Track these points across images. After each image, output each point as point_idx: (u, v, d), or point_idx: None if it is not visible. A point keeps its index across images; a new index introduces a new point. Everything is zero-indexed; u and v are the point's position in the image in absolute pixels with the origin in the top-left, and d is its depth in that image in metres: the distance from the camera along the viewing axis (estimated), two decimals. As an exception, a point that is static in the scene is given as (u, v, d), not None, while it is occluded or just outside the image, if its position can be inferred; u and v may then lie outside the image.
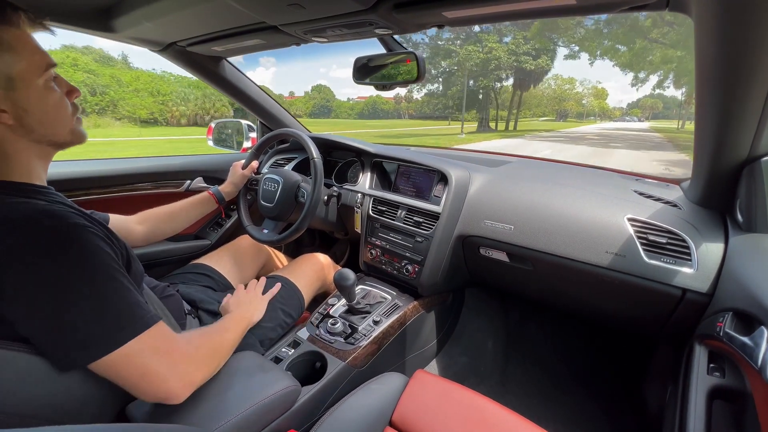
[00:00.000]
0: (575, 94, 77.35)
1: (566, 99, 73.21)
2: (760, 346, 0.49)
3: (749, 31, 0.48)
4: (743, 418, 0.55)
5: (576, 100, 77.06)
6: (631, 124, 61.98)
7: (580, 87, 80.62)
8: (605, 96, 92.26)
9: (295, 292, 1.10)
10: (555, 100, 71.38)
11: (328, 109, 66.02)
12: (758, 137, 0.62)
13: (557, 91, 71.17)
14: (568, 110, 74.96)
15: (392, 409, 0.73)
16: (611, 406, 1.20)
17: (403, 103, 69.99)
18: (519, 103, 36.07)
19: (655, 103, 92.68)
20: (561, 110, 73.35)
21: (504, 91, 34.66)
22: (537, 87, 41.25)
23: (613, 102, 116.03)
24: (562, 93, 72.59)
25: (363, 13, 0.75)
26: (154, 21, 0.92)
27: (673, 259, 0.78)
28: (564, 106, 73.17)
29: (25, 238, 0.50)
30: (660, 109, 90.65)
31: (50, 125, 0.59)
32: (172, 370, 0.56)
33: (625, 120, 76.31)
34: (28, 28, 0.56)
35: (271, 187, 1.20)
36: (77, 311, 0.50)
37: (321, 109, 68.37)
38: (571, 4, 0.64)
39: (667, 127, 41.27)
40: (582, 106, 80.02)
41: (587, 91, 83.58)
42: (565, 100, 72.88)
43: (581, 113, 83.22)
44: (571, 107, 75.75)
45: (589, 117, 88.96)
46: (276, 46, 1.06)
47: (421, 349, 1.22)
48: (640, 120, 74.38)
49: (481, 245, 1.07)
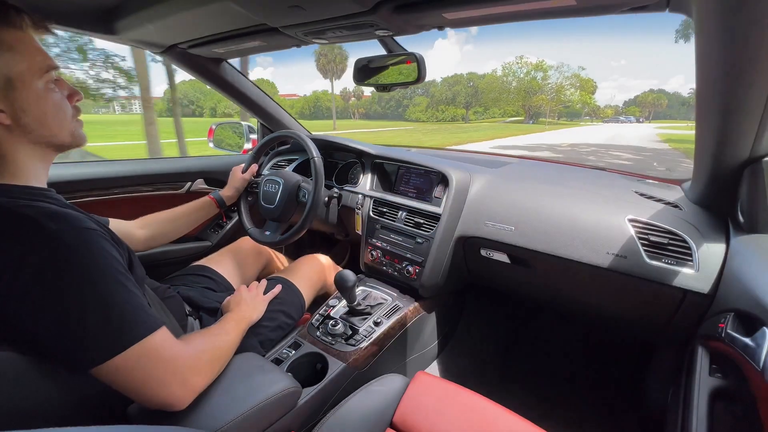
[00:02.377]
0: (550, 87, 57.92)
1: (535, 92, 56.45)
2: (762, 347, 0.49)
3: (750, 30, 0.48)
4: (745, 419, 0.54)
5: (551, 94, 58.34)
6: (627, 127, 44.26)
7: (557, 75, 58.62)
8: (592, 88, 65.03)
9: (295, 293, 1.10)
10: (520, 95, 55.47)
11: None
12: (759, 138, 0.62)
13: (526, 82, 54.58)
14: (541, 107, 57.10)
15: (393, 410, 0.73)
16: (613, 407, 1.19)
17: (353, 100, 59.60)
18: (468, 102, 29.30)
19: (658, 98, 75.49)
20: (530, 107, 56.63)
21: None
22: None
23: (604, 99, 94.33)
24: (531, 84, 55.55)
25: (363, 14, 0.75)
26: (155, 23, 0.92)
27: (674, 260, 0.78)
28: (533, 102, 55.90)
29: (30, 242, 0.50)
30: (664, 106, 75.23)
31: (49, 127, 0.59)
32: (174, 376, 0.56)
33: (620, 120, 60.45)
34: (32, 30, 0.56)
35: (271, 188, 1.20)
36: (83, 315, 0.50)
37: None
38: (571, 5, 0.64)
39: (682, 136, 26.52)
40: (558, 101, 59.99)
41: (566, 81, 59.71)
42: (534, 94, 56.02)
43: (570, 111, 64.71)
44: (545, 104, 57.59)
45: (571, 117, 67.77)
46: (276, 47, 1.07)
47: (421, 350, 1.21)
48: (639, 120, 59.57)
49: (482, 246, 1.07)
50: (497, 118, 60.03)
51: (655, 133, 31.07)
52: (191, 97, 74.54)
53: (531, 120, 56.64)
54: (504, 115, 60.14)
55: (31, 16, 0.56)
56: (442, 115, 64.64)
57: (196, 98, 74.54)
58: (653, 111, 73.96)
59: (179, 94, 75.46)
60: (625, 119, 58.72)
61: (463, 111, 51.27)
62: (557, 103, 60.99)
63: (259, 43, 1.02)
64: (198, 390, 0.60)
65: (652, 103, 74.76)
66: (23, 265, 0.48)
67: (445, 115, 64.46)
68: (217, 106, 69.76)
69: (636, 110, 75.89)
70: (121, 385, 0.53)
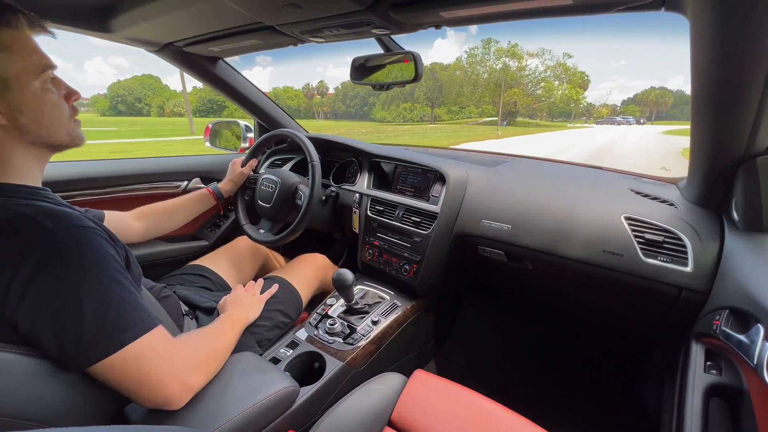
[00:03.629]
0: (529, 79, 44.28)
1: (510, 85, 44.00)
2: (756, 343, 0.50)
3: (744, 29, 0.48)
4: (740, 415, 0.55)
5: (530, 88, 44.89)
6: (625, 130, 34.68)
7: (537, 64, 44.94)
8: (581, 81, 50.13)
9: (292, 292, 1.10)
10: (488, 88, 42.80)
11: (221, 107, 51.29)
12: (754, 136, 0.63)
13: (497, 72, 41.43)
14: (514, 104, 44.00)
15: (391, 409, 0.73)
16: (609, 404, 1.20)
17: (317, 97, 51.10)
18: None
19: (661, 95, 61.20)
20: (504, 105, 43.20)
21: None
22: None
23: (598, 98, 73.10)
24: (503, 76, 42.43)
25: (360, 13, 0.75)
26: (150, 21, 0.91)
27: (669, 258, 0.79)
28: (506, 97, 42.86)
29: (27, 240, 0.49)
30: (668, 105, 62.89)
31: (45, 127, 0.58)
32: (170, 375, 0.56)
33: (616, 121, 48.28)
34: (28, 30, 0.56)
35: (268, 187, 1.20)
36: (80, 313, 0.50)
37: (211, 105, 55.65)
38: (568, 4, 0.64)
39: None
40: (535, 97, 45.83)
41: (550, 71, 45.73)
42: (510, 88, 43.76)
43: (556, 111, 49.42)
44: (520, 100, 44.04)
45: (555, 117, 51.96)
46: (273, 46, 1.06)
47: (419, 348, 1.22)
48: (640, 121, 47.90)
49: (479, 245, 1.07)
50: (473, 118, 50.73)
51: (667, 143, 19.06)
52: (138, 94, 70.32)
53: (505, 121, 44.20)
54: (483, 114, 50.00)
55: (27, 16, 0.55)
56: (410, 115, 56.87)
57: (144, 95, 70.31)
58: (656, 110, 62.58)
59: (123, 91, 70.50)
60: (623, 120, 48.20)
61: (438, 110, 44.08)
62: (535, 99, 46.29)
63: (256, 42, 1.02)
64: (195, 389, 0.60)
65: (654, 101, 62.92)
66: (20, 263, 0.48)
67: (413, 114, 56.47)
68: (165, 104, 65.32)
69: (636, 109, 66.07)
70: (118, 384, 0.53)
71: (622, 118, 44.94)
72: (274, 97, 33.11)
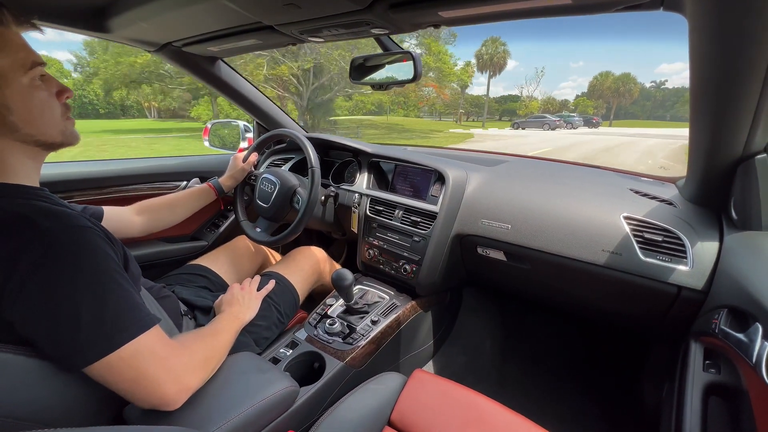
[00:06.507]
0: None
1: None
2: (754, 342, 0.50)
3: (743, 29, 0.48)
4: (739, 414, 0.55)
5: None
6: (538, 138, 17.71)
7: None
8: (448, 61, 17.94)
9: (288, 289, 1.09)
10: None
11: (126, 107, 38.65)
12: (752, 135, 0.63)
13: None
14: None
15: (391, 408, 0.73)
16: (608, 403, 1.20)
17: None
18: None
19: (623, 82, 38.90)
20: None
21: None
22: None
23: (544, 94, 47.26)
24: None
25: (359, 12, 0.75)
26: (149, 21, 0.91)
27: (668, 257, 0.79)
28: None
29: (24, 240, 0.49)
30: (634, 96, 40.69)
31: (35, 125, 0.57)
32: (167, 375, 0.56)
33: (545, 122, 24.54)
34: (14, 26, 0.55)
35: (267, 187, 1.20)
36: (77, 313, 0.50)
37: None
38: (567, 4, 0.64)
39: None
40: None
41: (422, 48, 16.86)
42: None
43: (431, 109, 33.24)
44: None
45: (446, 115, 35.47)
46: (272, 46, 1.06)
47: (419, 348, 1.22)
48: (593, 122, 29.14)
49: (479, 244, 1.07)
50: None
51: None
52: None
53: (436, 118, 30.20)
54: (354, 113, 31.51)
55: (12, 12, 0.54)
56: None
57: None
58: (616, 104, 42.15)
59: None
60: (559, 120, 25.98)
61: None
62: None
63: (255, 42, 1.02)
64: (191, 389, 0.60)
65: (613, 91, 41.42)
66: (17, 262, 0.48)
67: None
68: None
69: (588, 104, 44.18)
70: (114, 385, 0.53)
71: (557, 117, 26.64)
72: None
